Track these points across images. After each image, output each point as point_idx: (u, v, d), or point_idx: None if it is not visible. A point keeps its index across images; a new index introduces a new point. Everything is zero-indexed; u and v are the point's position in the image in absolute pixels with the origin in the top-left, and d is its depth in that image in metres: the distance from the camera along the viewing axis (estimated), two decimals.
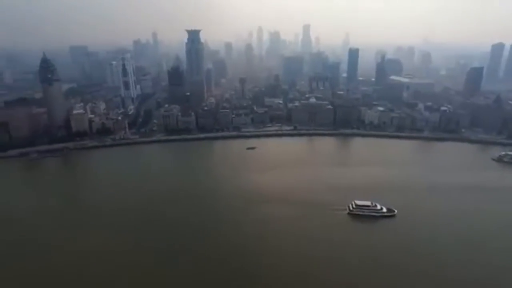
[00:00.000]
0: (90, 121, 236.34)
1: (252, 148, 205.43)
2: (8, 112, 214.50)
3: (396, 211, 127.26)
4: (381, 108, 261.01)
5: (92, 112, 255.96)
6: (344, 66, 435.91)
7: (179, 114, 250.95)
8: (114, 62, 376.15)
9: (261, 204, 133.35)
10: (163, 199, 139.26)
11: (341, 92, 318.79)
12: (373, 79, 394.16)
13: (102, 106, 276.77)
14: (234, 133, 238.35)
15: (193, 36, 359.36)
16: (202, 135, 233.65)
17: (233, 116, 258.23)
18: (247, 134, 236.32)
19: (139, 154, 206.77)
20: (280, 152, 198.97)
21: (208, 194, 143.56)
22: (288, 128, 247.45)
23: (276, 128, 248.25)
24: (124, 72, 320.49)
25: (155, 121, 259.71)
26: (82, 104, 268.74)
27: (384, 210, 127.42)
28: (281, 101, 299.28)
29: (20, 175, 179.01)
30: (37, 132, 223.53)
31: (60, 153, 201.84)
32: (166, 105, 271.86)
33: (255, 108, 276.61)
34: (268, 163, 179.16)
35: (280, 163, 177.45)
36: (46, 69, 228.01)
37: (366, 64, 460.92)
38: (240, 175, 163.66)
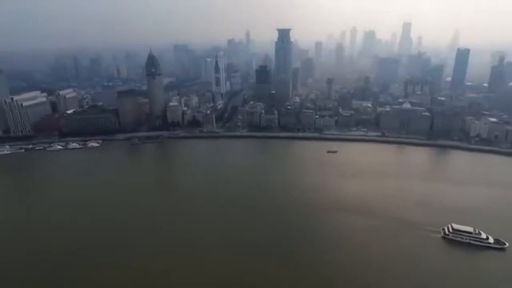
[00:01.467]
0: (183, 113, 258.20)
1: (333, 151, 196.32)
2: (119, 101, 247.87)
3: (507, 244, 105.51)
4: (493, 119, 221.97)
5: (186, 105, 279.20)
6: (448, 69, 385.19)
7: (263, 111, 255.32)
8: (208, 59, 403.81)
9: (338, 212, 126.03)
10: (241, 192, 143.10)
11: (443, 98, 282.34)
12: (485, 85, 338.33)
13: (195, 100, 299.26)
14: (316, 134, 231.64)
15: (283, 35, 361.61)
16: (282, 134, 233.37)
17: (317, 117, 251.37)
18: (329, 136, 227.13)
19: (222, 147, 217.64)
20: (363, 158, 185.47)
21: (283, 195, 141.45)
22: (375, 134, 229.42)
23: (362, 133, 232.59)
24: (216, 69, 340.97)
25: (239, 117, 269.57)
26: (178, 97, 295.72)
27: (491, 240, 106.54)
28: (369, 105, 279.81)
29: (124, 156, 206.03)
30: (140, 120, 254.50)
31: (156, 140, 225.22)
32: (252, 102, 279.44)
33: (340, 110, 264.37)
34: (349, 169, 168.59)
35: (362, 171, 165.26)
36: (152, 64, 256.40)
37: (477, 68, 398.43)
38: (317, 178, 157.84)
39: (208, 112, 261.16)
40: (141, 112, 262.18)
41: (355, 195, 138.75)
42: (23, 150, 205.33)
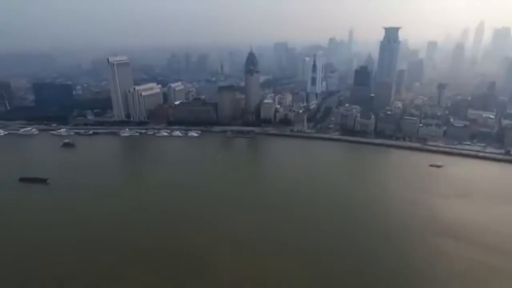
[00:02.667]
0: (276, 111, 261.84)
1: (438, 166, 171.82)
2: (219, 95, 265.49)
3: None
4: None
5: (279, 103, 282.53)
6: None
7: (358, 115, 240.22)
8: (307, 58, 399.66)
9: (441, 239, 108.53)
10: (326, 200, 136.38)
11: None
12: None
13: (289, 98, 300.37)
14: (418, 144, 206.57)
15: (390, 34, 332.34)
16: (378, 141, 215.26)
17: (421, 125, 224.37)
18: (434, 148, 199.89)
19: (311, 148, 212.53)
20: (475, 178, 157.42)
21: (372, 208, 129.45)
22: (496, 151, 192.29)
23: (477, 148, 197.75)
24: (314, 68, 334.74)
25: (332, 118, 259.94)
26: (272, 94, 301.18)
27: None
28: (492, 116, 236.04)
29: (218, 147, 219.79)
30: (235, 114, 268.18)
31: (248, 135, 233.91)
32: (347, 105, 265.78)
33: (451, 120, 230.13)
34: (456, 188, 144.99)
35: (473, 192, 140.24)
36: (251, 62, 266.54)
37: None
38: (415, 194, 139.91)
39: (300, 111, 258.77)
40: (237, 107, 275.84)
41: (462, 219, 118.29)
42: (138, 134, 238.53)
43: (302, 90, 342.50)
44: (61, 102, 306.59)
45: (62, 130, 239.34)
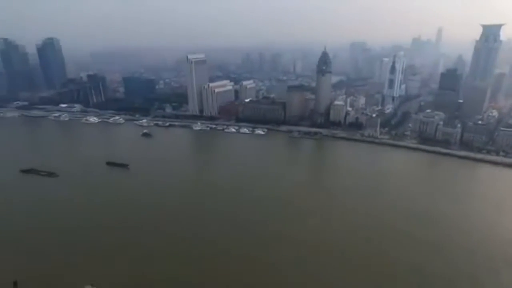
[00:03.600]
0: (346, 113, 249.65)
1: None
2: (288, 94, 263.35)
3: None
4: None
5: (351, 105, 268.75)
6: None
7: (441, 122, 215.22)
8: (385, 59, 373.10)
9: None
10: (401, 215, 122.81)
11: None
12: None
13: (362, 101, 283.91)
14: None
15: (490, 32, 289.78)
16: (462, 153, 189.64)
17: None
18: None
19: (382, 156, 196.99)
20: None
21: (458, 244, 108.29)
22: None
23: None
24: (392, 70, 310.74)
25: (410, 125, 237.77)
26: (344, 96, 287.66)
27: None
28: None
29: (283, 147, 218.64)
30: (303, 115, 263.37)
31: (315, 136, 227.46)
32: (428, 110, 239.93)
33: None
34: None
35: None
36: (323, 61, 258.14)
37: None
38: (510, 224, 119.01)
39: (374, 115, 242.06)
40: (306, 107, 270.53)
41: None
42: (208, 128, 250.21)
43: (378, 93, 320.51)
44: (145, 95, 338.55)
45: (143, 121, 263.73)
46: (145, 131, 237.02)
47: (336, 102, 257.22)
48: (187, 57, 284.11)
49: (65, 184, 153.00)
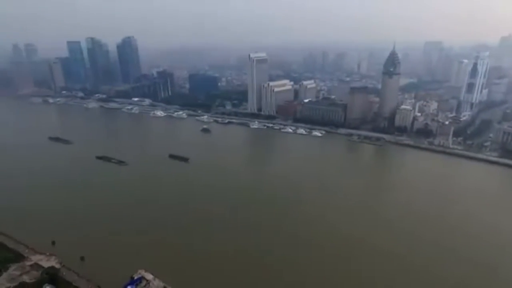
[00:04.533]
0: (414, 119, 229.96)
1: None
2: (350, 96, 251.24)
3: None
4: None
5: (420, 110, 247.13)
6: None
7: None
8: (465, 60, 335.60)
9: None
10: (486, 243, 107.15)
11: None
12: None
13: (433, 106, 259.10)
14: None
15: None
16: None
17: None
18: None
19: (455, 169, 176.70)
20: None
21: None
22: None
23: None
24: (473, 72, 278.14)
25: (491, 135, 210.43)
26: (413, 100, 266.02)
27: None
28: None
29: (341, 151, 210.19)
30: (365, 118, 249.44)
31: (376, 142, 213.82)
32: None
33: None
34: None
35: None
36: (391, 62, 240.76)
37: None
38: None
39: (447, 122, 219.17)
40: (368, 110, 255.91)
41: None
42: (265, 127, 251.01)
43: (453, 98, 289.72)
44: (208, 91, 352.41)
45: (204, 117, 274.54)
46: (204, 126, 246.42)
47: (403, 106, 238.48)
48: (249, 55, 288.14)
49: (132, 172, 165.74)
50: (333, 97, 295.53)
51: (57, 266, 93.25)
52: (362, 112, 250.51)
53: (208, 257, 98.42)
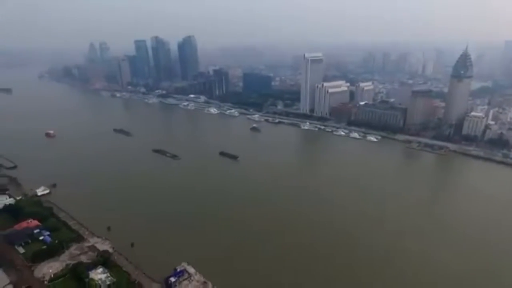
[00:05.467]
0: (486, 127, 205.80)
1: None
2: (412, 100, 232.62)
3: None
4: None
5: (494, 118, 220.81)
6: None
7: None
8: None
9: None
10: None
11: None
12: None
13: (511, 113, 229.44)
14: None
15: None
16: None
17: None
18: None
19: None
20: None
21: None
22: None
23: None
24: None
25: None
26: (486, 106, 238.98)
27: None
28: None
29: (398, 158, 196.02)
30: (427, 124, 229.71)
31: (439, 151, 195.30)
32: None
33: None
34: None
35: None
36: (462, 64, 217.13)
37: None
38: None
39: None
40: (432, 116, 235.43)
41: None
42: (316, 129, 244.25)
43: None
44: (261, 90, 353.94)
45: (255, 115, 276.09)
46: (254, 125, 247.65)
47: (474, 113, 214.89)
48: (304, 55, 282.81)
49: (185, 167, 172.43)
50: (392, 100, 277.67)
51: (110, 250, 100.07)
52: (424, 117, 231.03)
53: (252, 257, 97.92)
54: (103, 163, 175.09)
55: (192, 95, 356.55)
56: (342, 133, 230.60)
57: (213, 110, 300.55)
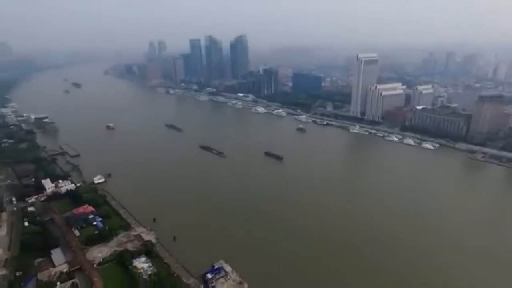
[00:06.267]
0: None
1: None
2: (478, 106, 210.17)
3: None
4: None
5: None
6: None
7: None
8: None
9: None
10: None
11: None
12: None
13: None
14: None
15: None
16: None
17: None
18: None
19: None
20: None
21: None
22: None
23: None
24: None
25: None
26: None
27: None
28: None
29: (459, 170, 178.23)
30: (495, 134, 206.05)
31: (508, 163, 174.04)
32: None
33: None
34: None
35: None
36: None
37: None
38: None
39: None
40: (501, 124, 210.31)
41: None
42: (367, 133, 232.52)
43: None
44: (310, 91, 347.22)
45: (303, 116, 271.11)
46: (300, 126, 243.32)
47: None
48: (357, 55, 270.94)
49: (230, 165, 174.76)
50: (454, 105, 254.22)
51: (154, 241, 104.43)
52: (492, 125, 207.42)
53: (293, 263, 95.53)
54: (154, 157, 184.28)
55: (240, 94, 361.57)
56: (395, 138, 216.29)
57: (260, 109, 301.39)
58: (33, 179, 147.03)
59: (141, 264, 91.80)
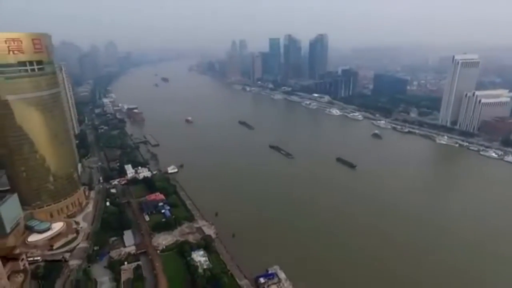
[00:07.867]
0: None
1: None
2: None
3: None
4: None
5: None
6: None
7: None
8: None
9: None
10: None
11: None
12: None
13: None
14: None
15: None
16: None
17: None
18: None
19: None
20: None
21: None
22: None
23: None
24: None
25: None
26: None
27: None
28: None
29: None
30: None
31: None
32: None
33: None
34: None
35: None
36: None
37: None
38: None
39: None
40: None
41: None
42: (457, 145, 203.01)
43: None
44: (393, 95, 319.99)
45: (381, 121, 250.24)
46: (376, 131, 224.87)
47: None
48: (453, 56, 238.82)
49: (297, 167, 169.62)
50: None
51: (213, 235, 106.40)
52: None
53: (354, 279, 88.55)
54: (224, 152, 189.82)
55: (316, 94, 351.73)
56: (494, 154, 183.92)
57: (335, 111, 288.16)
58: (118, 164, 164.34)
59: (199, 257, 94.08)
